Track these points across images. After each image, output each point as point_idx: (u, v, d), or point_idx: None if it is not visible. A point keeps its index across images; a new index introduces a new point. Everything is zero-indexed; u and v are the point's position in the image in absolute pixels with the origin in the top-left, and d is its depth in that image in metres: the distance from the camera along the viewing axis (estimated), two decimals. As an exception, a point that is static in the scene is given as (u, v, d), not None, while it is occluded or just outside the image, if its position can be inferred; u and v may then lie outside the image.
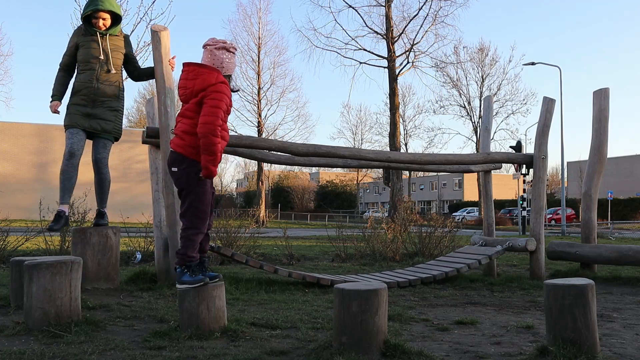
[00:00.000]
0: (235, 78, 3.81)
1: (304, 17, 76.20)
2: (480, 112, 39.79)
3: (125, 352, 3.15)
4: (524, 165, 7.91)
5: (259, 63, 37.78)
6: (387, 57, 31.83)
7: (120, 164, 36.45)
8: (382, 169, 33.94)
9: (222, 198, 64.56)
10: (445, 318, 4.56)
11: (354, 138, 58.34)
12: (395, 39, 31.92)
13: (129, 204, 27.06)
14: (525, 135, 46.69)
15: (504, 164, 12.40)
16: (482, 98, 40.99)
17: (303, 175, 76.51)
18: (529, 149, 32.93)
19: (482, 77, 42.14)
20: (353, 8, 32.88)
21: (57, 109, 4.94)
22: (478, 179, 24.34)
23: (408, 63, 32.77)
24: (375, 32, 32.70)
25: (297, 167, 52.26)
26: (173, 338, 3.46)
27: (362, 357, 2.98)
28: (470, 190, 69.73)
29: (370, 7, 34.46)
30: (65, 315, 3.64)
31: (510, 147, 15.22)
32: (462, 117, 43.41)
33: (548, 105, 7.66)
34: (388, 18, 31.79)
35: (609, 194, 37.69)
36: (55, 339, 3.36)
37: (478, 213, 44.38)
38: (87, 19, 4.99)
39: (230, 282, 5.86)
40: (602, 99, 7.75)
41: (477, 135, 40.53)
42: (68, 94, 5.13)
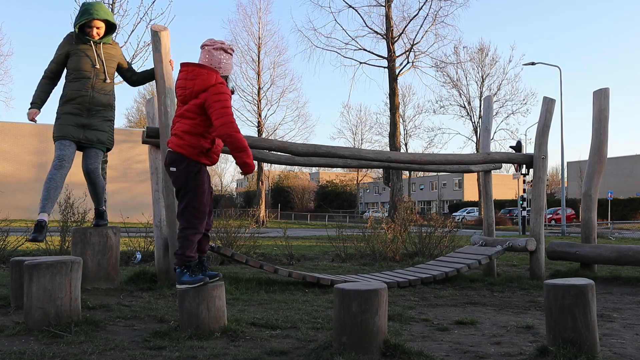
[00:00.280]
0: (235, 79, 3.81)
1: (304, 17, 76.31)
2: (480, 112, 39.80)
3: (125, 352, 3.15)
4: (524, 165, 7.91)
5: (259, 63, 37.82)
6: (387, 57, 31.84)
7: (120, 164, 36.46)
8: (382, 169, 33.94)
9: (222, 198, 64.55)
10: (445, 318, 4.56)
11: (354, 138, 58.42)
12: (395, 39, 31.93)
13: (129, 204, 27.07)
14: (525, 135, 46.72)
15: (504, 164, 12.40)
16: (482, 98, 41.00)
17: (303, 175, 76.52)
18: (529, 149, 32.96)
19: (482, 77, 42.16)
20: (353, 8, 32.92)
21: (35, 117, 4.79)
22: (478, 179, 24.34)
23: (408, 63, 32.81)
24: (375, 32, 32.73)
25: (297, 167, 52.27)
26: (173, 338, 3.46)
27: (362, 357, 2.98)
28: (470, 190, 69.73)
29: (370, 7, 34.56)
30: (65, 315, 3.64)
31: (510, 147, 15.22)
32: (462, 117, 43.46)
33: (548, 105, 7.66)
34: (388, 18, 31.80)
35: (609, 194, 37.70)
36: (55, 339, 3.36)
37: (478, 213, 44.38)
38: (80, 28, 4.89)
39: (230, 282, 5.86)
40: (602, 99, 7.75)
41: (477, 135, 40.54)
42: (51, 102, 4.96)
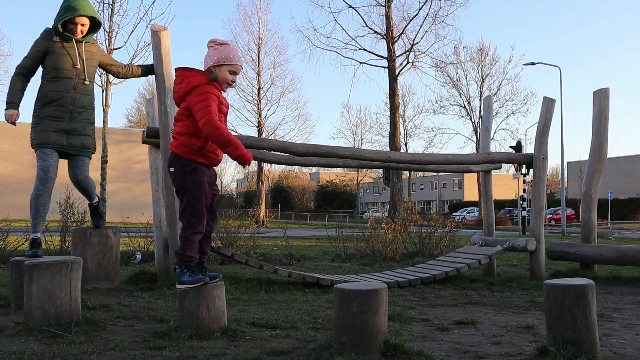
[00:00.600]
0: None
1: (304, 17, 76.42)
2: (480, 112, 39.79)
3: (125, 352, 3.15)
4: (524, 165, 7.91)
5: (259, 63, 37.81)
6: (387, 57, 31.85)
7: (120, 164, 36.48)
8: (382, 169, 33.94)
9: (222, 198, 64.54)
10: (445, 318, 4.55)
11: (354, 138, 58.43)
12: (395, 39, 31.94)
13: (129, 204, 27.09)
14: (525, 135, 46.77)
15: (504, 164, 12.40)
16: (482, 98, 41.00)
17: (303, 175, 76.53)
18: (529, 149, 32.95)
19: (482, 77, 42.17)
20: (353, 8, 32.95)
21: (15, 120, 4.42)
22: (478, 179, 24.34)
23: (408, 63, 32.84)
24: (375, 32, 32.76)
25: (297, 167, 52.27)
26: (173, 338, 3.46)
27: (362, 357, 2.98)
28: (470, 190, 69.73)
29: (370, 7, 34.63)
30: (65, 315, 3.64)
31: (510, 147, 15.25)
32: (462, 117, 43.48)
33: (548, 105, 7.66)
34: (388, 18, 31.81)
35: (609, 194, 37.70)
36: (55, 339, 3.36)
37: (478, 213, 44.38)
38: (62, 24, 4.56)
39: (230, 282, 5.86)
40: (602, 99, 7.75)
41: (477, 135, 40.54)
42: (25, 103, 4.62)
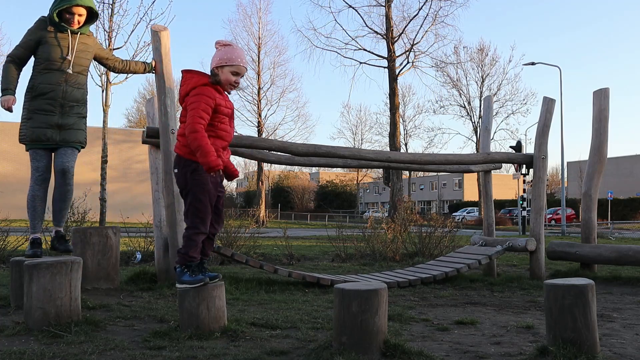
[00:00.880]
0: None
1: (304, 17, 76.40)
2: (480, 112, 39.79)
3: (125, 352, 3.15)
4: (524, 165, 7.91)
5: (259, 63, 37.80)
6: (387, 57, 31.85)
7: (120, 164, 36.47)
8: (382, 169, 33.94)
9: (222, 198, 64.44)
10: (445, 318, 4.55)
11: (354, 138, 58.40)
12: (395, 39, 31.94)
13: (129, 204, 27.08)
14: (525, 135, 46.78)
15: (504, 164, 12.41)
16: (482, 98, 41.00)
17: (303, 175, 76.52)
18: (529, 149, 32.95)
19: (482, 77, 42.16)
20: (353, 8, 32.94)
21: (12, 105, 4.29)
22: (478, 179, 24.34)
23: (408, 63, 32.83)
24: (375, 32, 32.75)
25: (297, 167, 52.27)
26: (173, 338, 3.46)
27: (362, 357, 2.98)
28: (470, 190, 69.73)
29: (370, 7, 34.65)
30: (65, 315, 3.64)
31: (510, 147, 15.26)
32: (462, 117, 43.47)
33: (548, 105, 7.65)
34: (388, 18, 31.81)
35: (609, 194, 37.70)
36: (55, 339, 3.36)
37: (478, 213, 44.38)
38: (58, 13, 4.39)
39: (230, 282, 5.86)
40: (602, 99, 7.75)
41: (477, 135, 40.54)
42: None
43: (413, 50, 32.46)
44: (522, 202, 28.94)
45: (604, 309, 5.07)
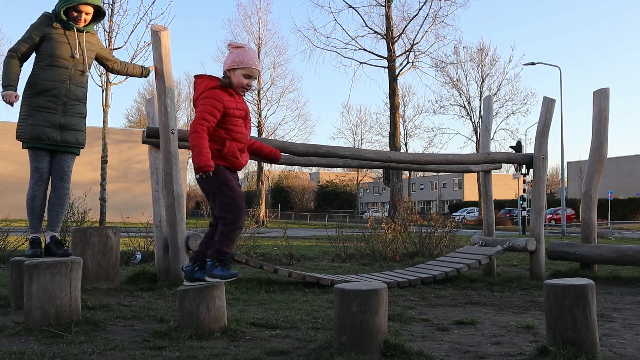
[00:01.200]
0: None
1: (304, 17, 76.41)
2: (480, 112, 39.79)
3: (125, 352, 3.15)
4: (524, 165, 7.91)
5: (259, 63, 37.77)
6: (387, 57, 31.85)
7: (120, 164, 36.48)
8: (382, 169, 33.94)
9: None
10: (445, 318, 4.55)
11: (354, 138, 58.40)
12: (395, 39, 31.94)
13: (129, 204, 27.10)
14: (525, 135, 46.82)
15: (504, 164, 12.42)
16: (482, 98, 41.00)
17: (303, 175, 76.52)
18: (529, 149, 32.96)
19: (482, 77, 42.16)
20: (353, 8, 32.94)
21: (14, 100, 4.19)
22: (478, 179, 24.34)
23: (408, 63, 32.83)
24: (375, 32, 32.75)
25: (297, 167, 52.29)
26: (173, 338, 3.46)
27: (362, 357, 2.98)
28: (470, 190, 69.74)
29: (370, 7, 34.59)
30: (65, 315, 3.64)
31: (510, 147, 15.27)
32: (462, 117, 43.48)
33: (548, 105, 7.65)
34: (388, 18, 31.81)
35: (609, 194, 37.70)
36: (55, 339, 3.36)
37: (478, 213, 44.38)
38: (65, 11, 4.33)
39: (231, 282, 5.85)
40: (602, 99, 7.74)
41: (477, 135, 40.54)
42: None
43: (413, 50, 32.49)
44: (522, 202, 28.94)
45: (604, 309, 5.07)
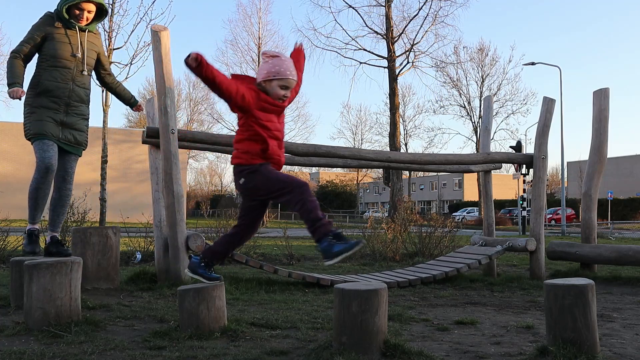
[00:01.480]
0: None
1: (304, 17, 76.46)
2: (480, 112, 39.77)
3: (125, 352, 3.15)
4: (524, 165, 7.91)
5: (259, 63, 37.79)
6: (387, 57, 31.83)
7: (120, 164, 36.50)
8: (382, 169, 33.94)
9: (222, 198, 64.54)
10: (445, 318, 4.55)
11: (354, 138, 58.33)
12: (395, 39, 31.93)
13: (129, 204, 27.11)
14: (525, 135, 46.81)
15: (504, 164, 12.42)
16: (482, 98, 41.00)
17: (303, 175, 76.46)
18: (529, 149, 32.94)
19: (482, 77, 42.14)
20: (353, 8, 32.90)
21: (21, 95, 4.14)
22: (478, 179, 24.33)
23: (408, 63, 32.80)
24: (375, 32, 32.72)
25: (297, 167, 52.22)
26: (173, 338, 3.46)
27: (362, 357, 2.98)
28: (470, 190, 69.74)
29: (370, 7, 34.49)
30: (65, 315, 3.64)
31: (510, 147, 15.27)
32: (462, 117, 43.43)
33: (548, 105, 7.65)
34: (388, 18, 31.80)
35: (609, 194, 37.70)
36: (55, 339, 3.36)
37: (478, 213, 44.37)
38: (67, 10, 4.28)
39: (230, 282, 5.86)
40: (602, 99, 7.74)
41: (477, 135, 40.52)
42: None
43: (413, 50, 32.47)
44: (522, 202, 28.93)
45: (604, 309, 5.07)
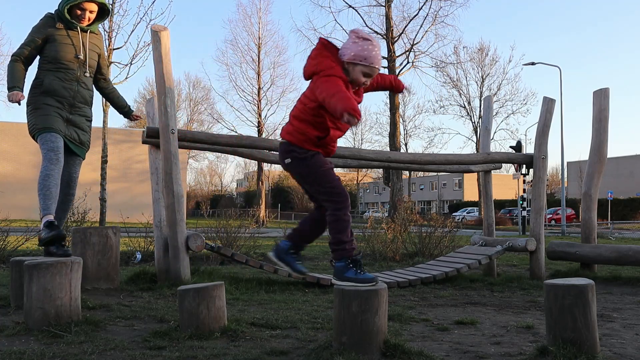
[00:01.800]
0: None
1: (304, 17, 76.45)
2: (480, 112, 39.78)
3: (125, 352, 3.15)
4: (524, 165, 7.90)
5: (259, 63, 37.85)
6: (387, 57, 31.83)
7: (120, 164, 36.49)
8: (382, 169, 33.94)
9: (222, 198, 64.57)
10: (445, 318, 4.55)
11: (354, 138, 58.31)
12: (395, 39, 31.95)
13: (129, 204, 27.10)
14: (525, 135, 46.84)
15: (504, 164, 12.41)
16: (482, 98, 41.00)
17: (303, 175, 76.42)
18: (529, 149, 32.94)
19: (482, 77, 42.16)
20: (353, 8, 32.93)
21: (20, 99, 4.10)
22: (478, 179, 24.33)
23: (408, 63, 32.84)
24: (375, 32, 32.68)
25: (297, 167, 52.07)
26: (173, 338, 3.46)
27: (362, 357, 2.98)
28: (470, 190, 69.74)
29: (370, 7, 34.60)
30: (65, 315, 3.64)
31: (510, 147, 15.26)
32: (462, 117, 43.45)
33: (548, 105, 7.65)
34: (388, 18, 31.82)
35: (609, 194, 37.70)
36: (55, 339, 3.36)
37: (478, 213, 44.38)
38: (68, 10, 4.23)
39: (230, 282, 5.86)
40: (602, 99, 7.74)
41: (477, 135, 40.54)
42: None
43: (413, 50, 32.51)
44: (522, 202, 28.94)
45: (604, 309, 5.06)
